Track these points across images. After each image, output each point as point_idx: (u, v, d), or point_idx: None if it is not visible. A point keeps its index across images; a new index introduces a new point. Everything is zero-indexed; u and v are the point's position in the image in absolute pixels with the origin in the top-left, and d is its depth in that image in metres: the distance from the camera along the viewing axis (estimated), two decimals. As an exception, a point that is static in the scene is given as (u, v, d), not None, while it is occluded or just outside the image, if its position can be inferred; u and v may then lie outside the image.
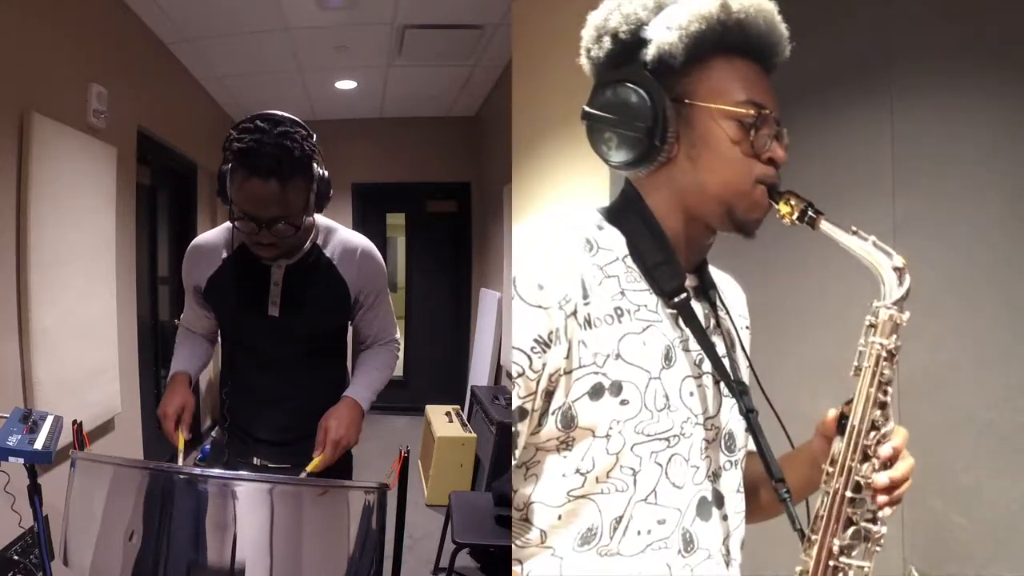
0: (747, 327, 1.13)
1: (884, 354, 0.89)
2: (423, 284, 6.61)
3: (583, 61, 0.99)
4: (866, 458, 0.89)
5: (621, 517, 0.89)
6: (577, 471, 0.89)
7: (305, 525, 1.25)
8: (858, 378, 0.91)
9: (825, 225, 0.91)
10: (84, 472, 1.28)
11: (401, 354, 1.92)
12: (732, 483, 0.99)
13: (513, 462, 0.93)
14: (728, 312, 1.05)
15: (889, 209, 2.18)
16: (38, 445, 1.43)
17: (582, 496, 0.89)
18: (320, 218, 1.70)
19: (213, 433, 1.95)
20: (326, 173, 1.59)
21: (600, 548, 0.89)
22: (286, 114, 1.52)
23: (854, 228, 0.91)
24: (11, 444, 1.41)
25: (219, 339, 1.85)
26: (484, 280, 5.65)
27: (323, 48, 4.43)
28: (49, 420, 1.52)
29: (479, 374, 5.12)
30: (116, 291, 3.36)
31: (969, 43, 2.11)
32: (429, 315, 6.52)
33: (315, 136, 1.56)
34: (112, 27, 3.46)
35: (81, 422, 1.51)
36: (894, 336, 0.90)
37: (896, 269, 0.89)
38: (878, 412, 0.90)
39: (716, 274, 1.07)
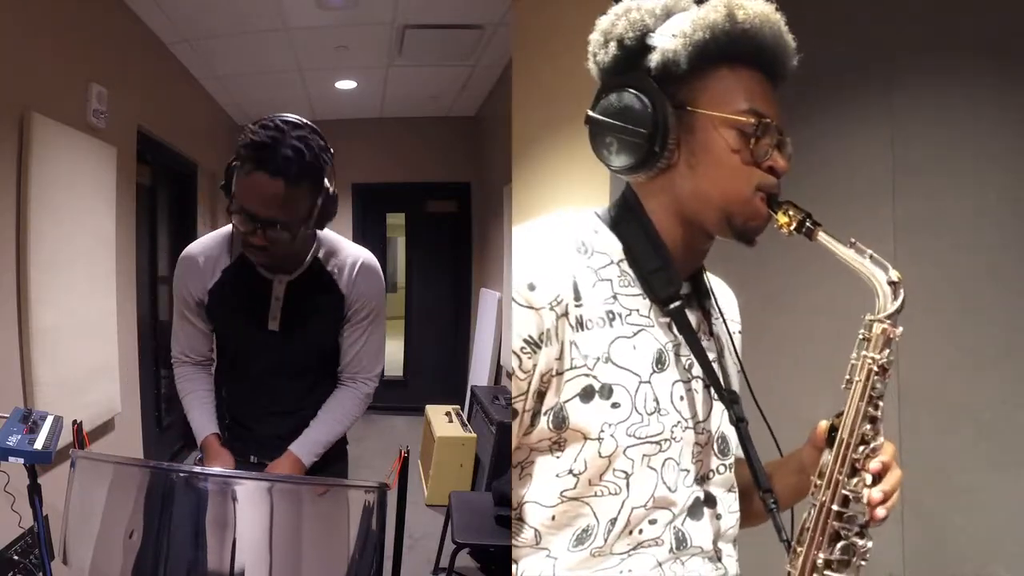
0: (739, 331, 1.13)
1: (876, 368, 0.89)
2: (423, 284, 6.61)
3: (590, 65, 0.99)
4: (854, 472, 0.89)
5: (616, 519, 0.90)
6: (570, 472, 0.90)
7: (305, 524, 1.25)
8: (849, 391, 0.90)
9: (823, 236, 0.91)
10: (84, 471, 1.28)
11: (401, 354, 1.90)
12: (724, 484, 1.00)
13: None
14: (722, 316, 1.05)
15: (889, 209, 2.18)
16: (38, 445, 1.43)
17: (575, 498, 0.90)
18: (324, 232, 1.66)
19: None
20: (334, 190, 1.55)
21: (594, 549, 0.90)
22: (309, 122, 1.49)
23: (852, 240, 0.90)
24: (11, 444, 1.40)
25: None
26: (484, 280, 5.64)
27: (323, 48, 4.43)
28: (49, 420, 1.52)
29: (479, 374, 5.12)
30: (116, 291, 3.35)
31: (969, 42, 2.11)
32: (429, 315, 6.51)
33: (332, 151, 1.52)
34: (112, 27, 3.46)
35: (81, 422, 1.52)
36: (887, 351, 0.89)
37: (891, 283, 0.88)
38: (868, 426, 0.89)
39: (709, 279, 1.06)
